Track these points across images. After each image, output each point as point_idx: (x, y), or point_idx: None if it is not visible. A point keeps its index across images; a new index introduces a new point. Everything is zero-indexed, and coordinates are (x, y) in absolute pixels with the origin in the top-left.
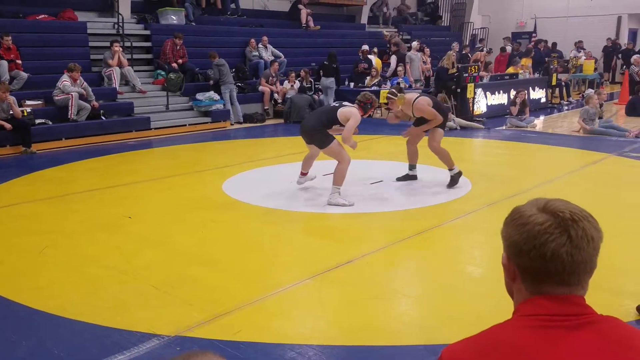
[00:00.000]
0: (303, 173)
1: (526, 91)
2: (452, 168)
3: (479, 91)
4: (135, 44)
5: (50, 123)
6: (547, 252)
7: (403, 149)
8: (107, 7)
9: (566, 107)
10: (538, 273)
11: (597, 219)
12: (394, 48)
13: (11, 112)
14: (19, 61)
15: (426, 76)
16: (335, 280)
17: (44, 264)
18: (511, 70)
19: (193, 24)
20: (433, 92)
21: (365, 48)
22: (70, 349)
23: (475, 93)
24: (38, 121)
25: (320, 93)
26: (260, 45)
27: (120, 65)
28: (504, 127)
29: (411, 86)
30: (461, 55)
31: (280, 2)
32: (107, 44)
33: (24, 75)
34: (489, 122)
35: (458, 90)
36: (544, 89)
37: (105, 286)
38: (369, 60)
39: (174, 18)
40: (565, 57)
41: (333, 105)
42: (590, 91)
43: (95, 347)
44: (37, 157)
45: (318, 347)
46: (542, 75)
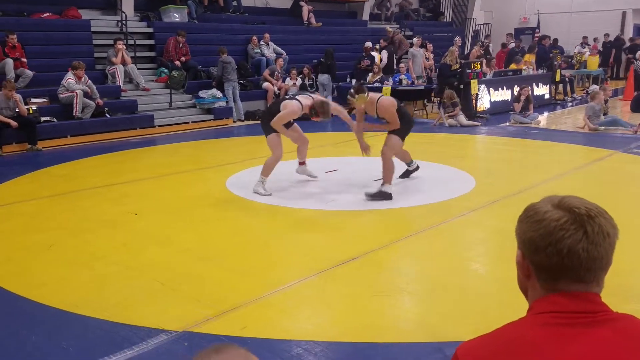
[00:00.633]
0: (301, 162)
1: (529, 87)
2: (385, 184)
3: (482, 87)
4: (138, 42)
5: (55, 121)
6: (564, 249)
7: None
8: (111, 5)
9: (570, 104)
10: (554, 270)
11: None
12: (384, 43)
13: (17, 110)
14: (24, 59)
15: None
16: (339, 277)
17: (52, 261)
18: (513, 66)
19: (195, 22)
20: (436, 89)
21: (368, 45)
22: (79, 344)
23: (478, 89)
24: (43, 119)
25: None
26: (262, 42)
27: (124, 63)
28: (508, 124)
29: (413, 82)
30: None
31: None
32: (111, 42)
33: (29, 73)
34: (492, 119)
35: (461, 86)
36: (548, 85)
37: (112, 282)
38: (372, 57)
39: (177, 16)
40: (567, 53)
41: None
42: (595, 87)
43: (104, 343)
44: (43, 155)
45: (324, 344)
46: (546, 71)
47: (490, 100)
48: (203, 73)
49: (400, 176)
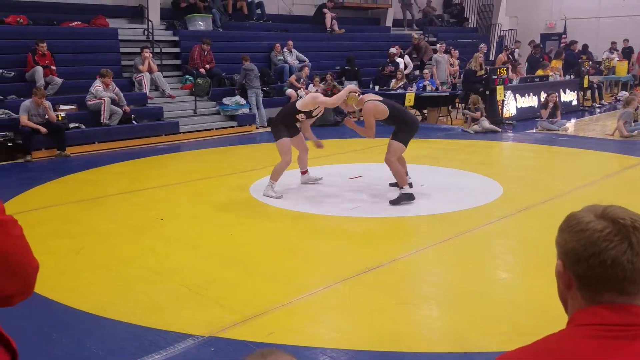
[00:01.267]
0: (303, 172)
1: (557, 94)
2: (403, 187)
3: (508, 93)
4: (164, 50)
5: (83, 127)
6: (608, 260)
7: (430, 152)
8: (138, 14)
9: (598, 110)
10: (597, 281)
11: None
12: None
13: (46, 117)
14: (54, 67)
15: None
16: (365, 284)
17: (81, 265)
18: (540, 72)
19: (220, 30)
20: (461, 95)
21: (392, 51)
22: (108, 348)
23: (505, 95)
24: (72, 125)
25: None
26: (285, 49)
27: (150, 70)
28: (535, 131)
29: (438, 89)
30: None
31: (305, 7)
32: (138, 50)
33: (58, 80)
34: (519, 125)
35: (486, 92)
36: (575, 92)
37: (140, 287)
38: (396, 63)
39: (202, 24)
40: (595, 59)
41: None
42: (624, 93)
43: (132, 346)
44: (71, 160)
45: (350, 352)
46: (574, 77)
47: (516, 106)
48: (227, 80)
49: (391, 184)
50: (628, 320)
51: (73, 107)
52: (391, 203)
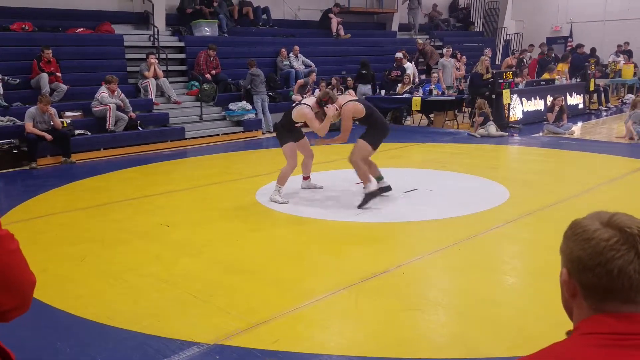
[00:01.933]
0: (305, 177)
1: (563, 97)
2: (366, 184)
3: (515, 97)
4: (170, 56)
5: (89, 134)
6: (614, 269)
7: (436, 157)
8: (143, 20)
9: (605, 113)
10: (603, 290)
11: None
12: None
13: (52, 124)
14: (59, 74)
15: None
16: (371, 290)
17: (86, 273)
18: (546, 76)
19: (226, 36)
20: (467, 99)
21: (399, 55)
22: (113, 356)
23: (511, 99)
24: (77, 132)
25: None
26: (291, 54)
27: (155, 76)
28: (541, 134)
29: (444, 93)
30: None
31: (311, 12)
32: (143, 56)
33: (64, 87)
34: (525, 129)
35: (493, 96)
36: (582, 95)
37: (145, 294)
38: (403, 67)
39: (208, 30)
40: (602, 62)
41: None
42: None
43: (137, 355)
44: (77, 167)
45: (356, 359)
46: (580, 80)
47: (522, 110)
48: (233, 86)
49: (357, 183)
50: (633, 329)
51: (78, 114)
52: (359, 207)
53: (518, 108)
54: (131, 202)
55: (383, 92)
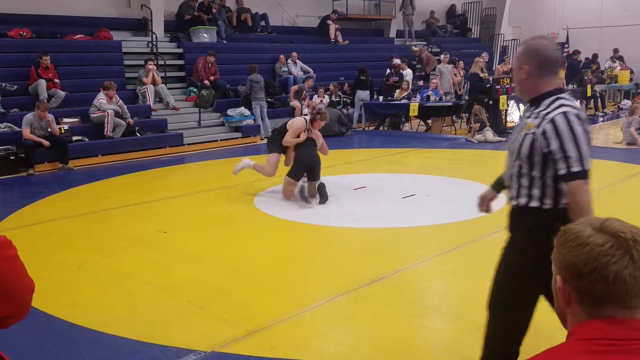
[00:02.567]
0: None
1: None
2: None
3: (512, 103)
4: (168, 62)
5: (86, 140)
6: (610, 275)
7: (434, 162)
8: (141, 27)
9: (602, 119)
10: (598, 296)
11: None
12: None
13: (49, 130)
14: (57, 80)
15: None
16: (369, 296)
17: (83, 279)
18: None
19: (224, 42)
20: (464, 104)
21: (397, 62)
22: None
23: (507, 105)
24: (75, 138)
25: (349, 107)
26: (289, 61)
27: (154, 83)
28: None
29: (442, 99)
30: None
31: (309, 18)
32: (142, 63)
33: (62, 93)
34: None
35: (490, 102)
36: (579, 101)
37: (142, 301)
38: (401, 74)
39: (206, 36)
40: (599, 68)
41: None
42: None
43: None
44: (74, 174)
45: None
46: (577, 86)
47: (520, 115)
48: (231, 92)
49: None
50: (629, 334)
51: (76, 120)
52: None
53: (515, 114)
54: (129, 209)
55: (381, 98)
